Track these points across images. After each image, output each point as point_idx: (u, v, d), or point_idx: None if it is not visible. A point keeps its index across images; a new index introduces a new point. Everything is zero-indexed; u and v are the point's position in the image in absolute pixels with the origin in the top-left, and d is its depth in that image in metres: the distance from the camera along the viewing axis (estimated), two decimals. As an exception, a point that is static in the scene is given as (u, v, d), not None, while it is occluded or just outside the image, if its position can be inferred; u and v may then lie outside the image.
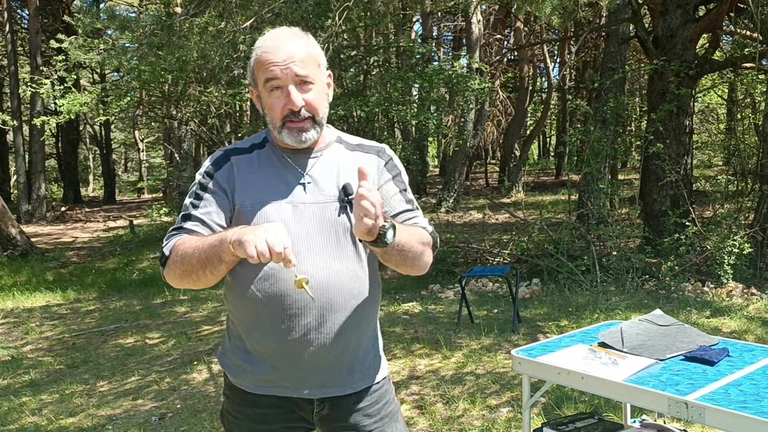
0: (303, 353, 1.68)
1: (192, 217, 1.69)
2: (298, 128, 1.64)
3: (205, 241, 1.56)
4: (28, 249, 12.91)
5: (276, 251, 1.40)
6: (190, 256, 1.58)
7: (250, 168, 1.71)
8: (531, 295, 7.19)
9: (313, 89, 1.63)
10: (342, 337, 1.70)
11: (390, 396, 1.88)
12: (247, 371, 1.75)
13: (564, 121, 22.43)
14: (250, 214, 1.66)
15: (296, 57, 1.60)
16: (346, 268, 1.68)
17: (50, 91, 12.36)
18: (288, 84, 1.60)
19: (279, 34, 1.65)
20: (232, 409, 1.82)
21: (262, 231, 1.43)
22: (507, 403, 4.19)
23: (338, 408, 1.77)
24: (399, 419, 1.90)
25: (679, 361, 2.11)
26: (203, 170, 1.73)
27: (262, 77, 1.62)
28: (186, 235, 1.67)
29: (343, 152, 1.77)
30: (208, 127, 13.21)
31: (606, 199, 8.98)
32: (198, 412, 4.38)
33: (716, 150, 14.61)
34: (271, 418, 1.77)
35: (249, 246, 1.40)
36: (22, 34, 23.71)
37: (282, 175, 1.70)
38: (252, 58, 1.66)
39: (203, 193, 1.70)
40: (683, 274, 7.03)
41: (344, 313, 1.69)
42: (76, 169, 25.59)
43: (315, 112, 1.65)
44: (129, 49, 10.65)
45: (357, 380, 1.77)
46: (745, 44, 8.79)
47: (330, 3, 7.51)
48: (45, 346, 6.51)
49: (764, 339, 5.17)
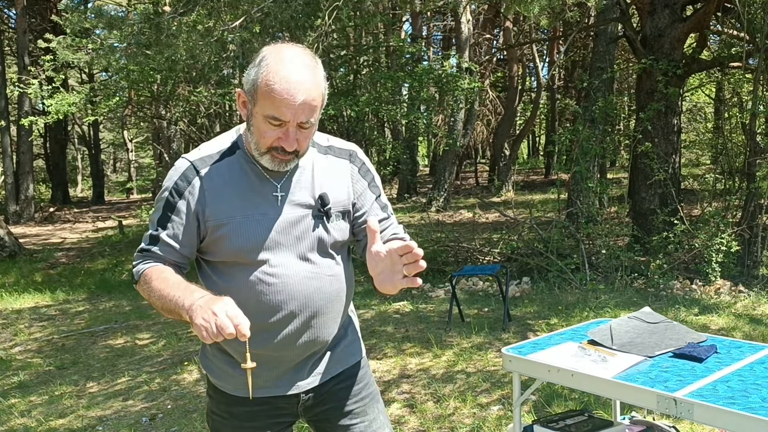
0: (286, 358, 1.72)
1: (159, 241, 1.66)
2: (281, 159, 1.60)
3: (170, 293, 1.54)
4: (16, 250, 12.82)
5: (227, 333, 1.38)
6: (157, 300, 1.58)
7: (220, 181, 1.64)
8: (521, 294, 7.21)
9: (308, 130, 1.59)
10: (324, 336, 1.74)
11: (369, 378, 1.92)
12: (229, 375, 1.76)
13: (553, 121, 22.51)
14: (225, 231, 1.63)
15: (308, 103, 1.53)
16: (325, 274, 1.70)
17: (38, 91, 12.27)
18: (290, 126, 1.55)
19: (299, 68, 1.53)
20: (217, 409, 1.83)
21: (211, 313, 1.40)
22: (497, 401, 4.21)
23: (320, 396, 1.81)
24: (379, 400, 1.93)
25: (667, 358, 2.13)
26: (171, 186, 1.65)
27: (267, 108, 1.53)
28: (153, 262, 1.66)
29: (316, 156, 1.74)
30: (197, 127, 13.17)
31: (595, 197, 9.02)
32: (189, 413, 4.37)
33: (704, 149, 14.70)
34: (257, 415, 1.79)
35: (200, 331, 1.39)
36: (9, 33, 23.52)
37: (255, 187, 1.65)
38: (261, 76, 1.53)
39: (170, 214, 1.65)
40: (672, 272, 7.07)
41: (326, 316, 1.72)
42: (65, 170, 25.42)
43: (301, 149, 1.61)
44: (117, 48, 10.59)
45: (334, 365, 1.82)
46: (732, 44, 8.86)
47: (319, 2, 7.49)
48: (34, 348, 6.47)
49: (751, 336, 5.21)
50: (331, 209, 1.70)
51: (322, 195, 1.68)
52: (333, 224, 1.71)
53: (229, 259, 1.66)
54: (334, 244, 1.72)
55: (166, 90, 11.87)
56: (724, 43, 9.46)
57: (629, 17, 9.18)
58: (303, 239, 1.67)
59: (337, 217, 1.71)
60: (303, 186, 1.68)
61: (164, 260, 1.67)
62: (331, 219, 1.70)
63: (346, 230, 1.75)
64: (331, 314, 1.73)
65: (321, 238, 1.68)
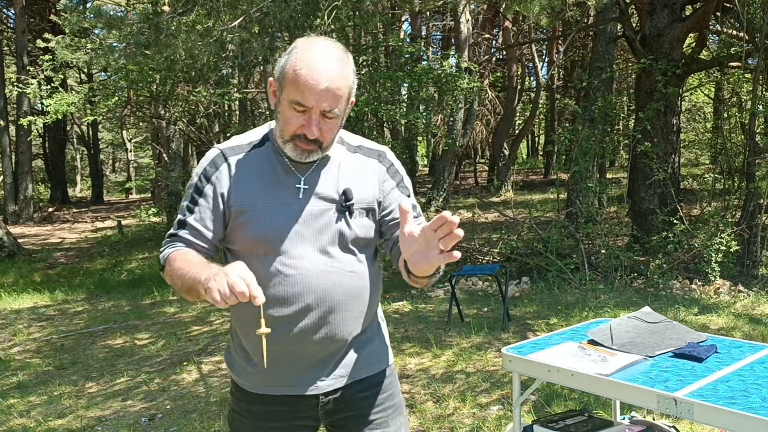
0: (303, 354, 1.69)
1: (186, 225, 1.70)
2: (303, 149, 1.62)
3: (190, 270, 1.55)
4: (15, 250, 12.81)
5: (238, 290, 1.39)
6: (178, 279, 1.59)
7: (248, 170, 1.68)
8: (520, 294, 7.21)
9: (333, 121, 1.61)
10: (342, 334, 1.71)
11: (395, 388, 1.88)
12: (248, 372, 1.76)
13: (552, 120, 22.52)
14: (246, 218, 1.65)
15: (332, 91, 1.56)
16: (346, 269, 1.69)
17: (37, 91, 12.26)
18: (313, 113, 1.57)
19: (326, 57, 1.57)
20: (238, 407, 1.82)
21: (223, 275, 1.41)
22: (497, 401, 4.20)
23: (341, 401, 1.77)
24: (403, 413, 1.90)
25: (667, 357, 2.13)
26: (200, 171, 1.70)
27: (292, 93, 1.57)
28: (180, 245, 1.69)
29: (344, 154, 1.75)
30: (196, 127, 13.16)
31: (594, 197, 9.02)
32: (188, 413, 4.37)
33: (703, 148, 14.70)
34: (276, 415, 1.76)
35: (213, 292, 1.40)
36: (8, 33, 23.51)
37: (280, 178, 1.67)
38: (290, 63, 1.57)
39: (198, 197, 1.69)
40: (671, 271, 7.07)
41: (344, 312, 1.69)
42: (64, 170, 25.41)
43: (325, 141, 1.63)
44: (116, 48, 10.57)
45: (359, 370, 1.78)
46: (732, 43, 8.87)
47: (319, 2, 7.49)
48: (33, 348, 6.46)
49: (751, 336, 5.21)
50: (354, 205, 1.69)
51: (346, 190, 1.69)
52: (355, 220, 1.70)
53: (248, 248, 1.67)
54: (356, 240, 1.71)
55: (165, 90, 11.86)
56: (723, 42, 9.46)
57: (628, 17, 9.18)
58: (324, 233, 1.67)
59: (361, 213, 1.71)
60: (328, 180, 1.69)
61: (191, 245, 1.69)
62: (354, 215, 1.69)
63: (369, 228, 1.73)
64: (351, 312, 1.70)
65: (342, 232, 1.68)
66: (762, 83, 8.02)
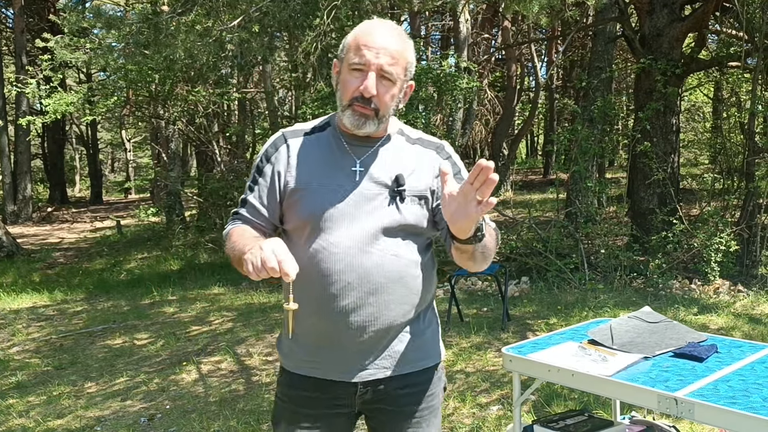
0: (343, 335, 1.70)
1: (247, 203, 1.78)
2: (361, 113, 1.65)
3: (240, 243, 1.64)
4: (14, 250, 12.81)
5: (269, 265, 1.43)
6: (231, 252, 1.69)
7: (305, 150, 1.74)
8: (520, 294, 7.21)
9: (390, 88, 1.66)
10: (384, 319, 1.70)
11: (437, 389, 1.86)
12: (292, 351, 1.79)
13: (552, 120, 22.52)
14: (299, 196, 1.71)
15: (390, 52, 1.63)
16: (389, 252, 1.69)
17: (36, 91, 12.25)
18: (371, 71, 1.62)
19: (386, 27, 1.67)
20: (280, 392, 1.84)
21: (258, 248, 1.47)
22: (497, 401, 4.20)
23: (381, 393, 1.77)
24: (438, 415, 1.88)
25: (668, 357, 2.12)
26: (262, 152, 1.79)
27: (351, 55, 1.64)
28: (239, 222, 1.79)
29: (403, 144, 1.79)
30: (195, 127, 13.15)
31: (594, 197, 9.02)
32: (187, 413, 4.36)
33: (703, 148, 14.69)
34: (313, 402, 1.77)
35: (247, 264, 1.48)
36: (6, 33, 23.49)
37: (337, 160, 1.72)
38: (350, 34, 1.68)
39: (259, 177, 1.77)
40: (671, 271, 7.07)
41: (386, 295, 1.69)
42: (63, 170, 25.39)
43: (382, 107, 1.66)
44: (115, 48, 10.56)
45: (402, 364, 1.77)
46: (731, 43, 8.86)
47: (318, 2, 7.48)
48: (32, 348, 6.45)
49: (751, 335, 5.21)
50: (406, 191, 1.71)
51: (398, 176, 1.71)
52: (406, 206, 1.71)
53: (299, 225, 1.72)
54: (405, 226, 1.71)
55: (165, 90, 11.85)
56: (722, 42, 9.45)
57: (628, 17, 9.18)
58: (373, 215, 1.69)
59: (413, 201, 1.72)
60: (383, 165, 1.73)
61: (249, 222, 1.78)
62: (405, 201, 1.71)
63: (420, 216, 1.74)
64: (393, 296, 1.69)
65: (392, 217, 1.70)
66: (761, 83, 8.01)
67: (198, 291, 8.55)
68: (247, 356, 5.58)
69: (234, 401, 4.53)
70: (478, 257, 1.61)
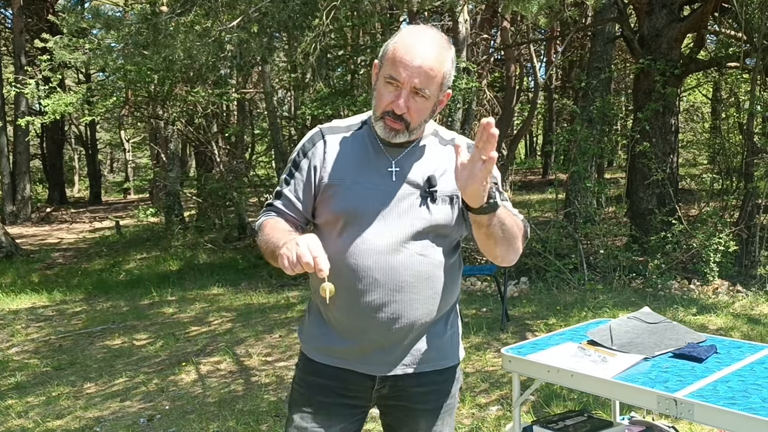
0: (368, 329, 1.72)
1: (282, 196, 1.81)
2: (392, 127, 1.68)
3: (274, 236, 1.66)
4: (12, 250, 12.80)
5: (304, 261, 1.46)
6: (264, 244, 1.70)
7: (342, 148, 1.76)
8: (519, 294, 7.21)
9: (422, 102, 1.66)
10: (408, 317, 1.72)
11: (454, 389, 1.89)
12: (315, 337, 1.82)
13: (551, 121, 22.52)
14: (333, 192, 1.73)
15: (425, 69, 1.62)
16: (417, 251, 1.71)
17: (35, 91, 12.23)
18: (404, 88, 1.63)
19: (427, 41, 1.65)
20: (298, 378, 1.86)
21: (294, 244, 1.50)
22: (496, 402, 4.20)
23: (398, 389, 1.79)
24: (452, 414, 1.92)
25: (667, 358, 2.13)
26: (300, 147, 1.81)
27: (388, 68, 1.65)
28: (273, 215, 1.81)
29: (436, 146, 1.80)
30: (194, 127, 13.14)
31: (593, 197, 9.02)
32: (186, 413, 4.36)
33: (701, 148, 14.69)
34: (329, 390, 1.79)
35: (282, 259, 1.50)
36: (5, 33, 23.46)
37: (371, 159, 1.74)
38: (392, 42, 1.67)
39: (295, 171, 1.79)
40: (670, 272, 7.07)
41: (412, 294, 1.71)
42: (62, 170, 25.37)
43: (413, 122, 1.68)
44: (114, 48, 10.54)
45: (422, 362, 1.79)
46: (730, 44, 8.86)
47: (317, 2, 7.48)
48: (31, 348, 6.45)
49: (750, 336, 5.21)
50: (437, 191, 1.72)
51: (430, 176, 1.73)
52: (437, 207, 1.73)
53: (331, 221, 1.74)
54: (435, 227, 1.72)
55: (164, 90, 11.84)
56: (721, 43, 9.45)
57: (627, 17, 9.19)
58: (404, 215, 1.71)
59: (444, 201, 1.73)
60: (417, 166, 1.74)
61: (283, 214, 1.80)
62: (437, 201, 1.73)
63: (450, 216, 1.74)
64: (419, 295, 1.71)
65: (423, 217, 1.71)
66: (760, 83, 8.01)
67: (197, 291, 8.55)
68: (246, 357, 5.58)
69: (233, 402, 4.52)
70: (498, 236, 1.58)
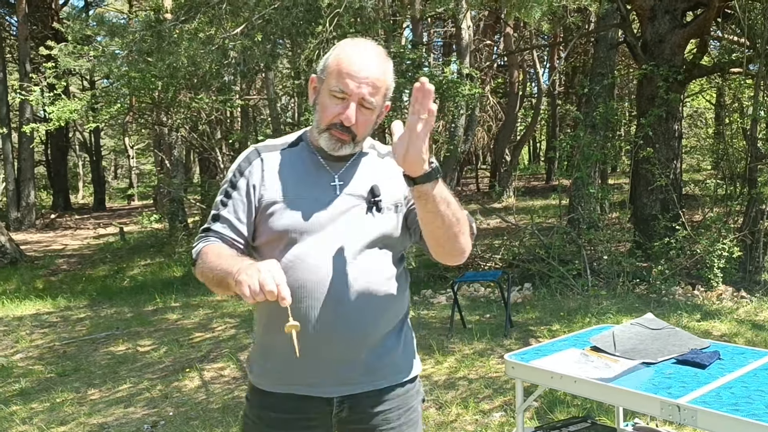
0: (318, 348, 1.67)
1: (220, 218, 1.73)
2: (339, 138, 1.67)
3: (222, 263, 1.58)
4: (17, 257, 12.83)
5: (267, 289, 1.40)
6: (209, 272, 1.62)
7: (281, 164, 1.74)
8: (523, 300, 7.20)
9: (368, 114, 1.66)
10: (358, 332, 1.68)
11: (415, 402, 1.87)
12: (265, 370, 1.76)
13: (554, 126, 22.52)
14: (274, 209, 1.69)
15: (372, 80, 1.63)
16: (366, 266, 1.68)
17: (39, 98, 12.29)
18: (352, 101, 1.63)
19: (368, 53, 1.66)
20: (250, 412, 1.81)
21: (255, 270, 1.43)
22: (500, 408, 4.20)
23: (357, 409, 1.75)
24: (418, 428, 1.89)
25: (671, 364, 2.13)
26: (235, 167, 1.76)
27: (334, 80, 1.63)
28: (213, 239, 1.72)
29: (375, 159, 1.80)
30: (198, 134, 13.17)
31: (596, 203, 9.01)
32: (190, 420, 4.36)
33: (705, 154, 14.69)
34: (287, 423, 1.74)
35: (243, 286, 1.42)
36: (10, 41, 23.58)
37: (312, 174, 1.73)
38: (333, 55, 1.66)
39: (232, 191, 1.74)
40: (673, 277, 7.06)
41: (361, 308, 1.67)
42: (66, 177, 25.43)
43: (359, 133, 1.68)
44: (119, 55, 10.60)
45: (378, 378, 1.75)
46: (733, 49, 8.88)
47: (320, 9, 7.51)
48: (35, 355, 6.46)
49: (754, 342, 5.20)
50: (382, 201, 1.72)
51: (374, 187, 1.72)
52: (383, 215, 1.72)
53: (273, 239, 1.70)
54: (383, 237, 1.71)
55: (168, 97, 11.87)
56: (724, 48, 9.47)
57: (630, 23, 9.20)
58: (349, 228, 1.69)
59: (389, 209, 1.73)
60: (359, 177, 1.74)
61: (224, 238, 1.72)
62: (382, 210, 1.72)
63: (396, 224, 1.74)
64: (370, 309, 1.68)
65: (369, 228, 1.70)
66: (763, 89, 8.01)
67: (201, 297, 8.56)
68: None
69: (236, 408, 4.53)
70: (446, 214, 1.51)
